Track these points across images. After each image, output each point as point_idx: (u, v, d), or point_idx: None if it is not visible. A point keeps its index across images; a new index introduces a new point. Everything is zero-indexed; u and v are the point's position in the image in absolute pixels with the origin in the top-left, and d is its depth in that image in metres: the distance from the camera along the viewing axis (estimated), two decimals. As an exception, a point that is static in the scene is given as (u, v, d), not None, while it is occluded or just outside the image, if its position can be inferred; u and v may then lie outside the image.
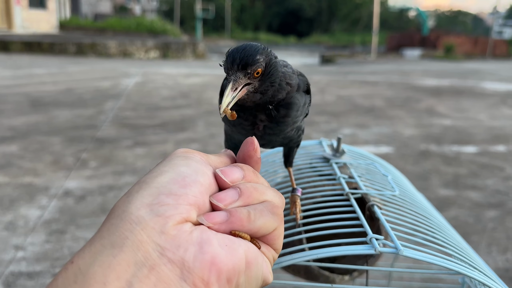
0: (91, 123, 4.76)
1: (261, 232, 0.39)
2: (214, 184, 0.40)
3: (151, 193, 0.36)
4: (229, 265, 0.35)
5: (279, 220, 0.40)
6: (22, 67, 9.57)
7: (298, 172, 0.77)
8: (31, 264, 2.01)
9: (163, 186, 0.37)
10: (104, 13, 36.47)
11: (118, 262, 0.31)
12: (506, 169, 3.70)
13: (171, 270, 0.33)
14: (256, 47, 0.50)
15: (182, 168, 0.38)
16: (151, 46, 14.35)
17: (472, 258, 0.57)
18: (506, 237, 2.46)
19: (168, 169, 0.38)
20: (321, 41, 37.07)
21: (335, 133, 4.78)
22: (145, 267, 0.32)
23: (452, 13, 67.51)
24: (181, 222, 0.35)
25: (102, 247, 0.33)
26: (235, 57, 0.49)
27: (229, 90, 0.48)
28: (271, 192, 0.42)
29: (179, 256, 0.33)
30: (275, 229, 0.40)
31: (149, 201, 0.35)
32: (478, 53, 25.95)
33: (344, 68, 14.03)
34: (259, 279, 0.38)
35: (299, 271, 0.74)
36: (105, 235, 0.34)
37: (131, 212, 0.35)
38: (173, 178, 0.37)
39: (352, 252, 0.43)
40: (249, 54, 0.49)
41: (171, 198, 0.36)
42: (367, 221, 0.65)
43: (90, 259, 0.32)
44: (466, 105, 7.01)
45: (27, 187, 2.91)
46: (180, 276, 0.33)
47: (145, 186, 0.37)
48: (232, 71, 0.49)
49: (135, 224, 0.34)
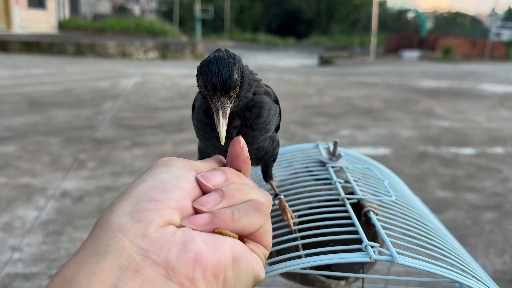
0: (89, 123, 4.75)
1: (247, 230, 0.39)
2: (197, 188, 0.40)
3: (132, 201, 0.37)
4: (213, 260, 0.35)
5: (264, 217, 0.40)
6: (20, 67, 9.55)
7: (295, 176, 0.76)
8: (27, 266, 2.01)
9: (144, 193, 0.37)
10: (103, 13, 36.46)
11: (102, 268, 0.32)
12: (504, 171, 3.70)
13: (155, 271, 0.33)
14: (229, 64, 0.48)
15: (163, 175, 0.39)
16: (150, 46, 14.34)
17: (469, 265, 0.56)
18: (503, 240, 2.46)
19: (148, 177, 0.39)
20: (320, 42, 37.10)
21: (333, 134, 4.78)
22: (130, 271, 0.33)
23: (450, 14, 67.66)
24: (163, 225, 0.35)
25: (86, 256, 0.33)
26: (214, 83, 0.47)
27: (222, 119, 0.48)
28: (255, 191, 0.42)
29: (162, 257, 0.34)
30: (261, 226, 0.40)
31: (130, 209, 0.36)
32: (476, 55, 26.00)
33: (343, 69, 14.03)
34: (250, 274, 0.38)
35: (295, 277, 0.73)
36: (89, 245, 0.34)
37: (112, 221, 0.35)
38: (153, 185, 0.38)
39: (347, 260, 0.42)
40: (227, 76, 0.47)
41: (151, 204, 0.36)
42: (364, 226, 0.65)
43: (74, 268, 0.33)
44: (464, 106, 7.02)
45: (25, 187, 2.90)
46: (165, 276, 0.33)
47: (126, 196, 0.37)
48: (215, 97, 0.48)
49: (117, 231, 0.34)
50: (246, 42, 35.41)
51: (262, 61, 16.88)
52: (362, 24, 42.68)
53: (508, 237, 2.49)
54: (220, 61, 0.48)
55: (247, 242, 0.40)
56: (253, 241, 0.40)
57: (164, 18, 30.87)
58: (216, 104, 0.48)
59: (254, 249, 0.40)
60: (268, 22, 46.33)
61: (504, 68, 17.29)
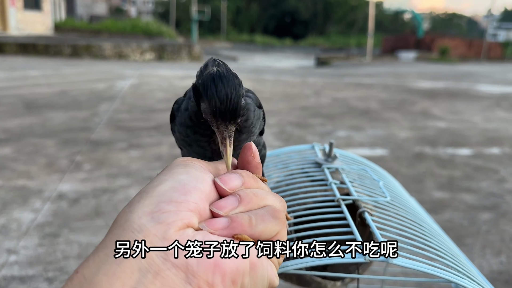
0: (86, 125, 4.74)
1: (264, 236, 0.39)
2: (214, 191, 0.40)
3: (152, 201, 0.36)
4: (233, 266, 0.35)
5: (281, 224, 0.40)
6: (16, 69, 9.53)
7: (290, 177, 0.76)
8: (23, 268, 2.00)
9: (164, 194, 0.37)
10: (100, 15, 36.42)
11: (123, 269, 0.32)
12: (500, 171, 3.71)
13: (175, 274, 0.33)
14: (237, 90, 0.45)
15: (182, 176, 0.39)
16: (147, 48, 14.33)
17: (464, 265, 0.56)
18: (500, 240, 2.47)
19: (168, 178, 0.39)
20: (317, 43, 37.18)
21: (330, 135, 4.78)
22: (150, 273, 0.33)
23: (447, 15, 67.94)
24: (182, 228, 0.35)
25: (106, 256, 0.33)
26: (223, 112, 0.44)
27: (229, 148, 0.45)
28: (271, 197, 0.42)
29: (182, 260, 0.34)
30: (277, 232, 0.40)
31: (150, 209, 0.36)
32: (473, 56, 26.10)
33: (340, 70, 14.06)
34: (265, 281, 0.38)
35: (291, 278, 0.73)
36: (109, 245, 0.34)
37: (133, 221, 0.35)
38: (173, 186, 0.38)
39: (341, 260, 0.42)
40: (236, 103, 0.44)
41: (172, 205, 0.36)
42: (360, 227, 0.65)
43: (94, 268, 0.33)
44: (461, 107, 7.04)
45: (20, 190, 2.89)
46: (185, 280, 0.33)
47: (146, 195, 0.37)
48: (223, 126, 0.45)
49: (137, 232, 0.34)
50: (243, 43, 35.45)
51: (259, 62, 16.90)
52: (358, 25, 42.79)
53: (505, 237, 2.50)
54: (226, 83, 0.45)
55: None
56: None
57: (161, 19, 30.86)
58: (223, 132, 0.45)
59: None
60: (264, 23, 46.39)
61: (501, 69, 17.36)
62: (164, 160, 3.63)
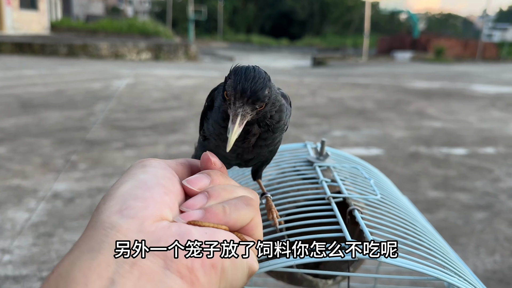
0: (81, 125, 4.73)
1: (239, 223, 0.40)
2: (180, 189, 0.41)
3: (118, 201, 0.37)
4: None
5: (254, 211, 0.41)
6: (12, 68, 9.49)
7: (282, 175, 0.76)
8: (17, 268, 1.99)
9: (127, 193, 0.37)
10: (96, 14, 36.31)
11: (98, 263, 0.32)
12: (494, 171, 3.72)
13: (153, 262, 0.33)
14: (265, 79, 0.46)
15: (141, 176, 0.40)
16: (143, 47, 14.30)
17: (455, 263, 0.57)
18: (494, 239, 2.47)
19: (128, 179, 0.39)
20: (313, 43, 37.22)
21: (326, 135, 4.79)
22: (127, 264, 0.33)
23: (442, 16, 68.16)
24: (157, 220, 0.36)
25: (80, 254, 0.33)
26: (245, 88, 0.45)
27: (237, 126, 0.45)
28: (241, 189, 0.43)
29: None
30: (252, 219, 0.41)
31: (117, 208, 0.36)
32: (468, 56, 26.20)
33: (336, 70, 14.08)
34: (245, 266, 0.39)
35: (282, 276, 0.73)
36: (82, 244, 0.34)
37: (103, 221, 0.35)
38: (135, 185, 0.38)
39: (330, 258, 0.42)
40: (260, 87, 0.45)
41: (138, 201, 0.36)
42: (350, 225, 0.65)
43: (69, 266, 0.32)
44: (456, 107, 7.06)
45: (15, 189, 2.88)
46: (164, 266, 0.34)
47: (110, 198, 0.37)
48: (239, 102, 0.45)
49: (109, 229, 0.34)
50: (240, 43, 35.45)
51: (255, 62, 16.82)
52: (354, 26, 42.87)
53: (499, 237, 2.51)
54: (257, 72, 0.46)
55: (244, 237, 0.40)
56: (245, 234, 0.41)
57: (157, 19, 30.81)
58: (238, 109, 0.45)
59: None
60: (261, 24, 46.41)
61: (496, 69, 17.43)
62: (159, 159, 3.62)
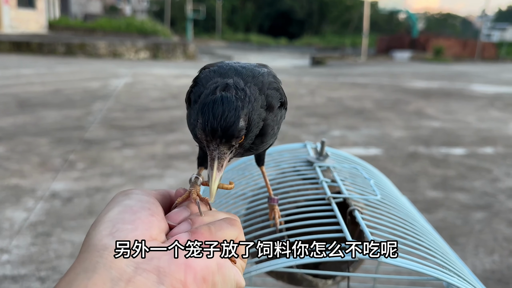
0: (79, 124, 4.72)
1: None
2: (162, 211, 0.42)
3: (107, 226, 0.38)
4: (202, 265, 0.37)
5: (238, 230, 0.42)
6: (10, 67, 9.47)
7: (282, 175, 0.76)
8: (16, 268, 1.99)
9: (115, 218, 0.39)
10: (94, 13, 36.22)
11: (94, 282, 0.33)
12: (493, 171, 3.73)
13: (147, 278, 0.35)
14: (235, 107, 0.42)
15: (126, 202, 0.41)
16: (141, 46, 14.28)
17: (454, 264, 0.56)
18: (493, 239, 2.48)
19: (113, 206, 0.41)
20: (312, 43, 37.18)
21: (324, 135, 4.79)
22: (122, 281, 0.34)
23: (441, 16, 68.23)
24: (147, 240, 0.37)
25: (75, 275, 0.34)
26: (215, 128, 0.41)
27: (215, 172, 0.42)
28: (222, 214, 0.45)
29: (153, 265, 0.36)
30: (236, 237, 0.42)
31: (107, 232, 0.37)
32: (467, 56, 26.21)
33: (335, 70, 14.08)
34: (233, 281, 0.40)
35: (282, 276, 0.73)
36: (77, 266, 0.35)
37: (95, 244, 0.37)
38: (121, 210, 0.40)
39: (330, 258, 0.42)
40: (231, 123, 0.41)
41: (127, 224, 0.38)
42: (351, 225, 0.65)
43: (66, 287, 0.33)
44: (455, 107, 7.07)
45: (13, 189, 2.87)
46: (157, 281, 0.35)
47: (99, 223, 0.39)
48: (213, 144, 0.42)
49: (102, 250, 0.36)
50: (238, 42, 35.42)
51: (254, 62, 16.86)
52: (353, 25, 42.87)
53: (497, 237, 2.51)
54: (226, 102, 0.42)
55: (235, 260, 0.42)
56: None
57: (156, 18, 30.75)
58: (213, 152, 0.42)
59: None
60: (260, 23, 46.36)
61: (494, 69, 17.45)
62: (158, 159, 3.62)
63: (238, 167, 0.88)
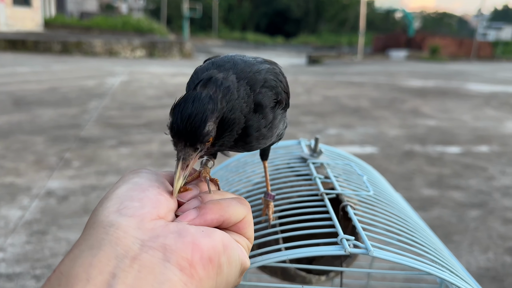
0: (75, 122, 4.71)
1: (233, 219, 0.41)
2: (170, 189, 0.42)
3: (115, 202, 0.38)
4: (209, 245, 0.37)
5: (247, 209, 0.42)
6: (5, 65, 9.43)
7: (276, 172, 0.76)
8: (10, 266, 1.98)
9: (123, 194, 0.39)
10: (90, 11, 36.09)
11: (99, 259, 0.33)
12: (489, 169, 3.74)
13: (153, 255, 0.34)
14: (204, 110, 0.41)
15: (135, 179, 0.41)
16: (138, 45, 14.25)
17: (446, 259, 0.57)
18: (487, 237, 2.49)
19: (122, 183, 0.41)
20: (309, 41, 37.20)
21: (321, 133, 4.80)
22: (127, 258, 0.33)
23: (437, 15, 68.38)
24: (154, 218, 0.37)
25: (80, 252, 0.34)
26: (180, 130, 0.41)
27: (179, 171, 0.42)
28: (231, 194, 0.45)
29: (160, 242, 0.35)
30: (244, 216, 0.42)
31: (115, 208, 0.37)
32: (463, 55, 26.29)
33: (331, 68, 14.09)
34: (238, 262, 0.40)
35: (275, 272, 0.73)
36: (82, 242, 0.35)
37: (101, 220, 0.36)
38: (130, 187, 0.40)
39: (321, 253, 0.42)
40: (196, 126, 0.41)
41: (135, 201, 0.38)
42: (344, 221, 0.65)
43: (70, 263, 0.33)
44: (451, 106, 7.09)
45: (8, 187, 2.86)
46: (163, 259, 0.34)
47: (107, 200, 0.39)
48: (179, 146, 0.42)
49: (108, 227, 0.35)
50: (235, 41, 35.38)
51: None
52: (350, 24, 42.88)
53: (492, 234, 2.52)
54: (197, 103, 0.42)
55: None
56: (236, 233, 0.42)
57: (152, 16, 30.70)
58: (178, 153, 0.42)
59: (238, 240, 0.42)
60: (256, 21, 46.34)
61: (490, 68, 17.51)
62: (154, 157, 3.61)
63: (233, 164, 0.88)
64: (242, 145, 0.49)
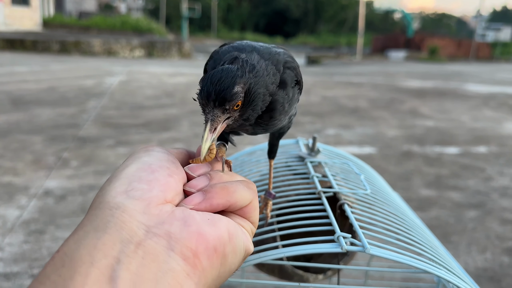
0: (73, 122, 4.70)
1: (239, 203, 0.41)
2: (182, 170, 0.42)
3: (123, 182, 0.37)
4: (215, 235, 0.36)
5: (253, 194, 0.42)
6: (3, 64, 9.42)
7: (274, 170, 0.76)
8: (8, 265, 1.98)
9: (132, 175, 0.38)
10: (89, 11, 36.08)
11: (103, 242, 0.32)
12: (486, 170, 3.75)
13: (157, 242, 0.34)
14: (234, 75, 0.43)
15: (145, 158, 0.40)
16: (136, 44, 14.24)
17: (442, 257, 0.57)
18: (485, 237, 2.49)
19: (132, 161, 0.40)
20: (307, 42, 37.23)
21: (319, 133, 4.80)
22: (132, 244, 0.33)
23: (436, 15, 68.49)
24: (161, 203, 0.37)
25: (85, 233, 0.34)
26: (209, 92, 0.42)
27: (207, 133, 0.43)
28: (240, 177, 0.45)
29: (165, 230, 0.35)
30: (251, 201, 0.42)
31: (123, 189, 0.37)
32: (462, 56, 26.34)
33: (330, 69, 14.10)
34: (242, 249, 0.40)
35: (273, 270, 0.73)
36: (87, 223, 0.35)
37: (107, 201, 0.36)
38: (140, 167, 0.39)
39: (318, 250, 0.42)
40: (225, 87, 0.42)
41: (143, 183, 0.37)
42: (341, 219, 0.65)
43: (75, 245, 0.33)
44: (449, 106, 7.10)
45: (6, 186, 2.85)
46: (167, 247, 0.34)
47: (115, 179, 0.38)
48: (208, 108, 0.43)
49: (115, 209, 0.35)
50: (234, 40, 35.35)
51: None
52: (349, 24, 42.96)
53: (490, 235, 2.52)
54: (226, 71, 0.44)
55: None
56: (242, 217, 0.42)
57: (151, 16, 30.69)
58: (207, 115, 0.43)
59: (243, 224, 0.41)
60: (255, 21, 46.37)
61: (489, 69, 17.53)
62: (152, 157, 3.61)
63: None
64: (266, 121, 0.51)
